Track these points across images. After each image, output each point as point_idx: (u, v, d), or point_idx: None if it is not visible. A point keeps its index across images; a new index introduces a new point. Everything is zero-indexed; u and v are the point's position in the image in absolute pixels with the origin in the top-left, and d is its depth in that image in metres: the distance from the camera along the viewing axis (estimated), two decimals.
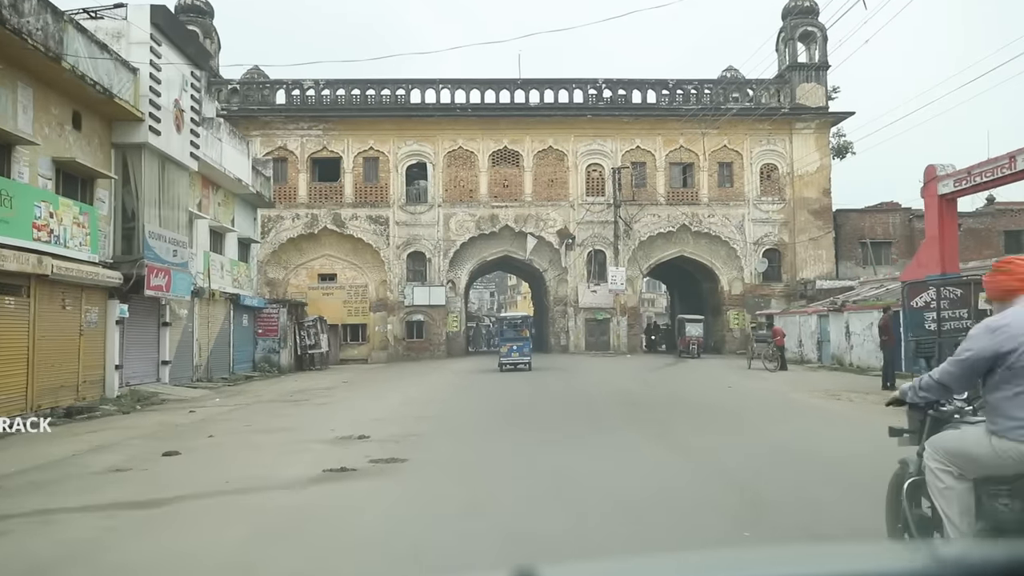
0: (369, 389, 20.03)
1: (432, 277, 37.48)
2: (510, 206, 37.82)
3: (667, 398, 15.41)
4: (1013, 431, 3.34)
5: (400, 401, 15.88)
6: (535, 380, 21.67)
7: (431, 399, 16.23)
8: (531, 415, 13.02)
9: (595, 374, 23.21)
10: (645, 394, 16.17)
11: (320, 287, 37.85)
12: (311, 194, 37.59)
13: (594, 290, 37.60)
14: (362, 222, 37.36)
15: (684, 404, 14.26)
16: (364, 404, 15.68)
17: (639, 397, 15.58)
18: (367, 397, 17.38)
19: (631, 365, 27.78)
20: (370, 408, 14.62)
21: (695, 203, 38.35)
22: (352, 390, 19.70)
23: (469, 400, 16.12)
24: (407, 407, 14.47)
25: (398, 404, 15.22)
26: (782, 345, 24.87)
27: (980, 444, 3.48)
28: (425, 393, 17.92)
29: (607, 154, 38.19)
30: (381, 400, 16.42)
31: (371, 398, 17.06)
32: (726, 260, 38.76)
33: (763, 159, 38.60)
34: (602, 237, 37.94)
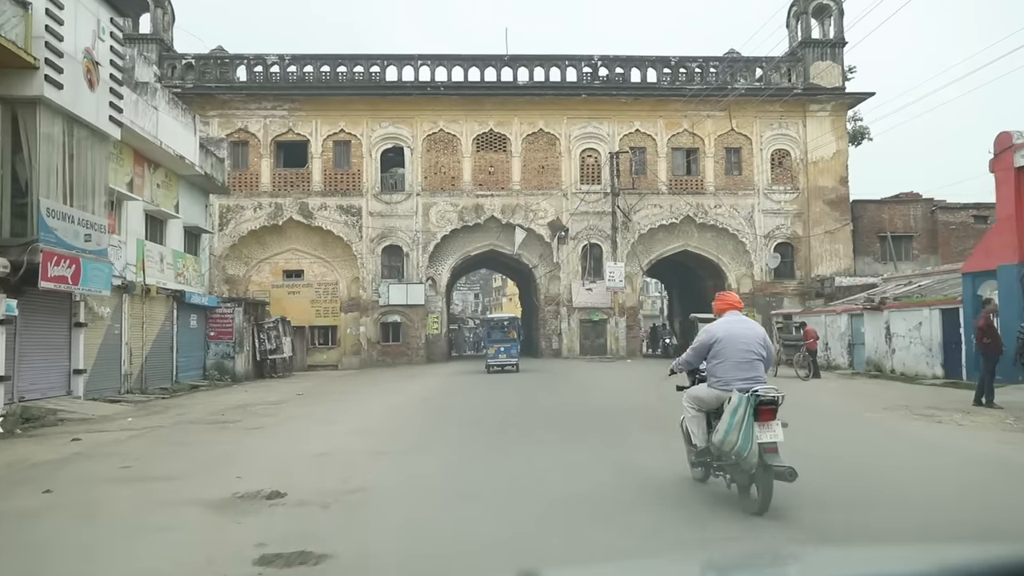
0: (325, 404, 16.30)
1: (410, 274, 33.78)
2: (496, 195, 34.19)
3: None
4: (716, 384, 6.28)
5: (356, 425, 12.19)
6: (527, 391, 18.08)
7: (397, 422, 12.54)
8: (530, 446, 9.39)
9: (597, 385, 19.65)
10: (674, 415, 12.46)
11: (285, 285, 34.05)
12: (275, 181, 33.79)
13: (589, 288, 34.02)
14: (332, 213, 33.61)
15: None
16: (309, 429, 11.98)
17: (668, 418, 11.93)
18: (317, 418, 13.66)
19: (635, 372, 24.16)
20: (314, 436, 10.92)
21: (700, 192, 34.86)
22: (303, 406, 15.95)
23: (445, 424, 12.42)
24: (362, 436, 10.77)
25: (353, 429, 11.53)
26: (815, 349, 21.35)
27: (706, 392, 6.43)
28: (391, 412, 14.24)
29: (603, 138, 34.63)
30: (334, 422, 12.72)
31: (322, 419, 13.34)
32: (734, 255, 35.30)
33: (774, 144, 35.18)
34: (598, 230, 34.36)
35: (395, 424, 12.22)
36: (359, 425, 12.08)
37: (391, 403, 15.98)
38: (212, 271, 32.31)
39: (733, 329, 6.32)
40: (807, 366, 20.76)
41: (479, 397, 17.17)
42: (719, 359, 6.23)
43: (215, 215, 32.95)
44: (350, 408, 15.29)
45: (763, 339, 6.37)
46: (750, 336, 6.29)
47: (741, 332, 6.30)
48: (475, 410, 14.25)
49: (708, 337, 6.39)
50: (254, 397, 18.84)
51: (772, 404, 5.78)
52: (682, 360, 6.87)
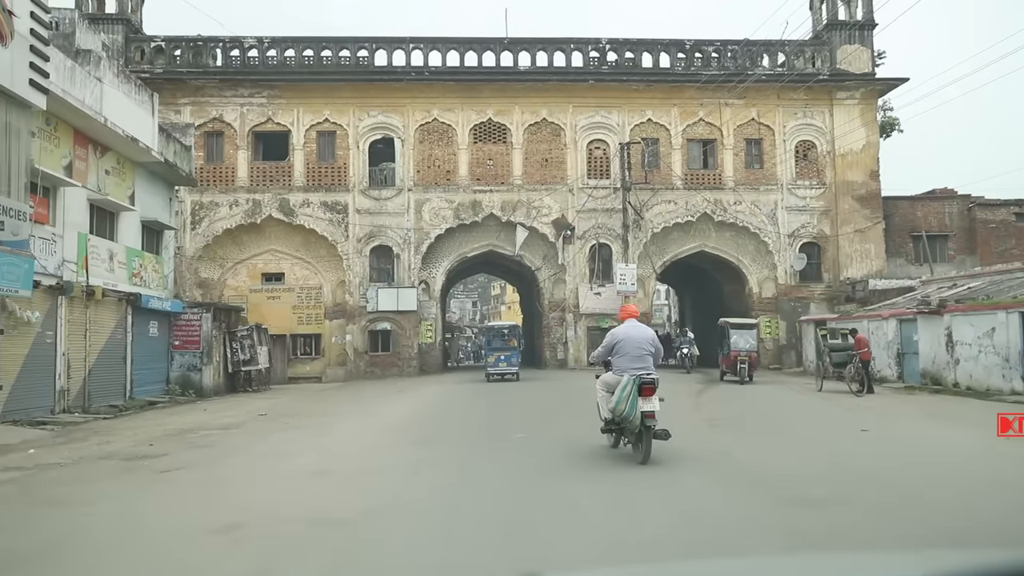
0: (286, 430, 13.25)
1: (401, 277, 30.76)
2: (496, 191, 31.21)
3: (809, 472, 8.09)
4: (617, 371, 8.38)
5: (313, 463, 9.14)
6: (533, 408, 15.09)
7: (369, 460, 9.49)
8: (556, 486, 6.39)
9: None
10: (746, 457, 9.31)
11: (264, 289, 31.00)
12: (253, 176, 30.79)
13: (598, 293, 31.01)
14: (315, 210, 30.60)
15: (878, 489, 7.05)
16: (245, 470, 8.94)
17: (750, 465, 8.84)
18: (267, 451, 10.61)
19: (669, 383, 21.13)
20: (243, 485, 7.90)
21: (718, 187, 31.91)
22: (257, 433, 12.88)
23: (433, 461, 9.36)
24: (316, 482, 7.72)
25: (306, 470, 8.50)
26: (868, 360, 18.33)
27: (611, 377, 8.50)
28: (364, 441, 11.21)
29: (613, 128, 31.69)
30: (286, 457, 9.69)
31: (272, 453, 10.30)
32: (755, 256, 32.32)
33: (798, 135, 32.25)
34: (607, 228, 31.38)
35: (366, 462, 9.17)
36: (316, 464, 9.03)
37: (368, 426, 12.95)
38: (183, 274, 29.37)
39: (630, 332, 8.74)
40: (860, 379, 17.74)
41: (476, 421, 14.16)
42: (620, 354, 8.61)
43: (186, 212, 30.01)
44: (314, 435, 12.25)
45: (652, 339, 8.74)
46: (642, 338, 8.67)
47: (636, 335, 8.70)
48: (473, 441, 11.22)
49: (612, 338, 8.82)
50: (209, 418, 15.80)
51: (651, 384, 8.33)
52: (596, 355, 9.48)
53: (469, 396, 19.99)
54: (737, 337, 23.90)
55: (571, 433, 11.04)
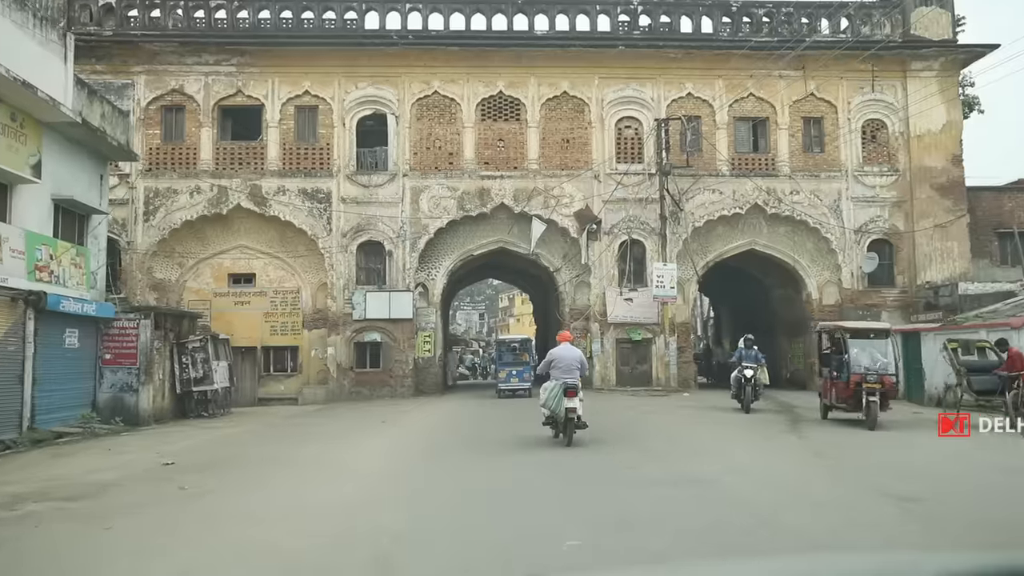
0: (178, 504, 8.17)
1: (394, 278, 25.79)
2: (507, 177, 26.26)
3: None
4: (552, 379, 11.98)
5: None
6: (584, 476, 10.15)
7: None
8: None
9: (694, 454, 11.58)
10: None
11: (232, 293, 26.07)
12: (219, 158, 25.92)
13: (629, 298, 25.95)
14: (293, 198, 25.70)
15: None
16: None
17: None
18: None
19: (729, 422, 15.99)
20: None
21: (771, 174, 26.88)
22: (124, 512, 7.82)
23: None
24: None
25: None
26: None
27: (550, 384, 11.97)
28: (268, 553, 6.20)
29: (646, 104, 26.73)
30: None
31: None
32: (815, 256, 27.24)
33: (866, 113, 27.21)
34: (640, 221, 26.35)
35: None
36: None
37: (299, 507, 7.92)
38: (133, 274, 24.62)
39: (563, 352, 12.28)
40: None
41: (482, 498, 9.16)
42: (555, 367, 12.08)
43: (138, 200, 25.19)
44: (209, 519, 7.21)
45: (579, 358, 12.33)
46: (572, 357, 12.20)
47: (568, 355, 12.24)
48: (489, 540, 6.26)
49: (551, 356, 12.36)
50: (90, 467, 10.80)
51: (574, 388, 11.77)
52: (540, 368, 13.27)
53: (474, 430, 14.95)
54: (858, 351, 15.12)
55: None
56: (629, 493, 8.11)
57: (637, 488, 8.41)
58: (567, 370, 11.92)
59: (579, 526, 6.63)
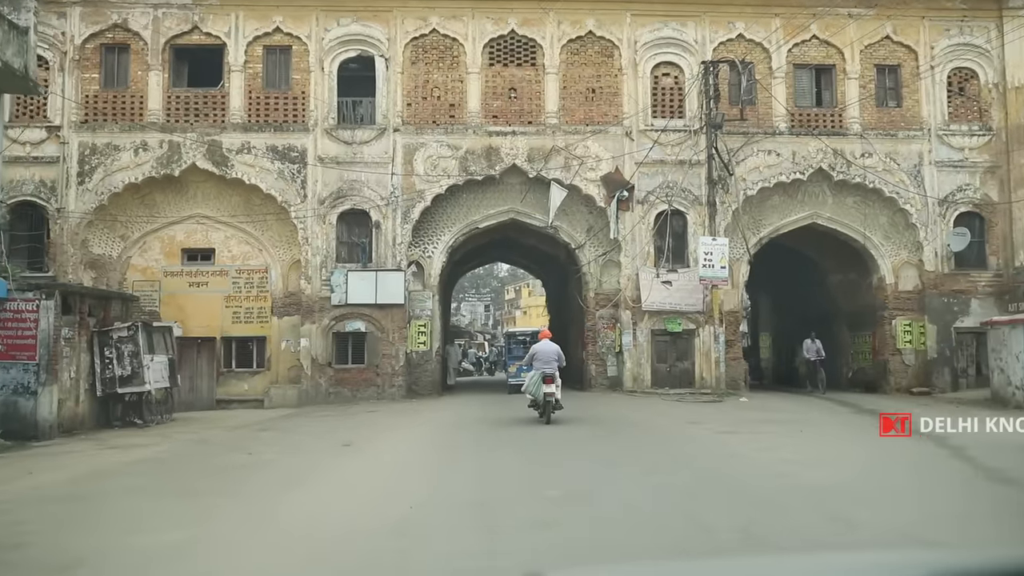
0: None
1: (382, 255, 21.25)
2: (520, 133, 21.68)
3: None
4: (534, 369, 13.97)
5: None
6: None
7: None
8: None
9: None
10: None
11: (186, 271, 21.57)
12: (170, 108, 21.38)
13: (667, 281, 21.36)
14: (260, 158, 21.16)
15: None
16: None
17: None
18: None
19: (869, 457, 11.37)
20: None
21: (839, 132, 22.25)
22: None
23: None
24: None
25: None
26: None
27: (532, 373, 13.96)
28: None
29: (688, 47, 22.10)
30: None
31: None
32: (889, 232, 22.65)
33: (952, 60, 22.56)
34: (680, 188, 21.75)
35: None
36: None
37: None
38: (64, 248, 20.15)
39: (543, 347, 14.16)
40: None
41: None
42: (537, 360, 13.91)
43: (70, 157, 20.72)
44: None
45: (556, 352, 14.09)
46: (550, 351, 14.05)
47: (546, 348, 14.12)
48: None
49: (533, 351, 14.36)
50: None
51: (551, 376, 13.61)
52: (524, 361, 15.97)
53: (481, 466, 10.40)
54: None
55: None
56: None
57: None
58: (546, 362, 13.87)
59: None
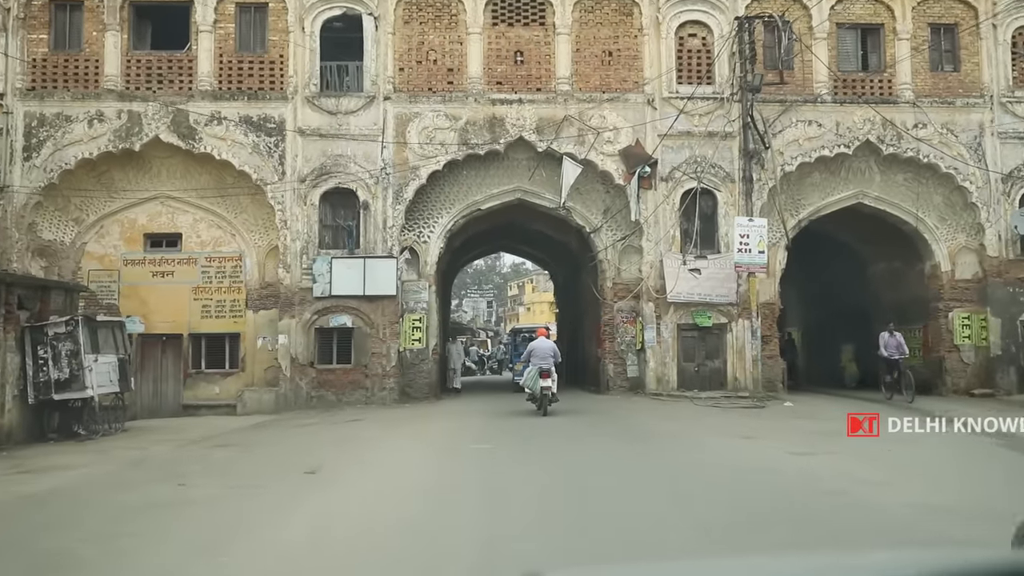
0: None
1: (372, 240, 18.69)
2: (528, 102, 19.08)
3: None
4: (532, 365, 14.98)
5: None
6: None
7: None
8: None
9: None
10: None
11: (149, 259, 19.05)
12: (130, 73, 18.82)
13: (696, 269, 18.77)
14: (232, 130, 18.59)
15: None
16: None
17: None
18: None
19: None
20: None
21: (888, 100, 19.64)
22: None
23: None
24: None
25: None
26: None
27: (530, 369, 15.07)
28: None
29: (717, 4, 19.48)
30: None
31: None
32: (945, 213, 20.07)
33: (1017, 17, 19.95)
34: (710, 164, 19.15)
35: None
36: None
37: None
38: (9, 232, 17.58)
39: (540, 344, 15.33)
40: None
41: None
42: (534, 357, 14.89)
43: (14, 128, 18.14)
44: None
45: (552, 350, 15.23)
46: (547, 348, 15.21)
47: (543, 346, 15.28)
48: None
49: (530, 348, 15.39)
50: None
51: (547, 371, 14.58)
52: (521, 358, 17.15)
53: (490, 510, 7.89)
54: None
55: None
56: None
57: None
58: (543, 358, 14.86)
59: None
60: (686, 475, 8.49)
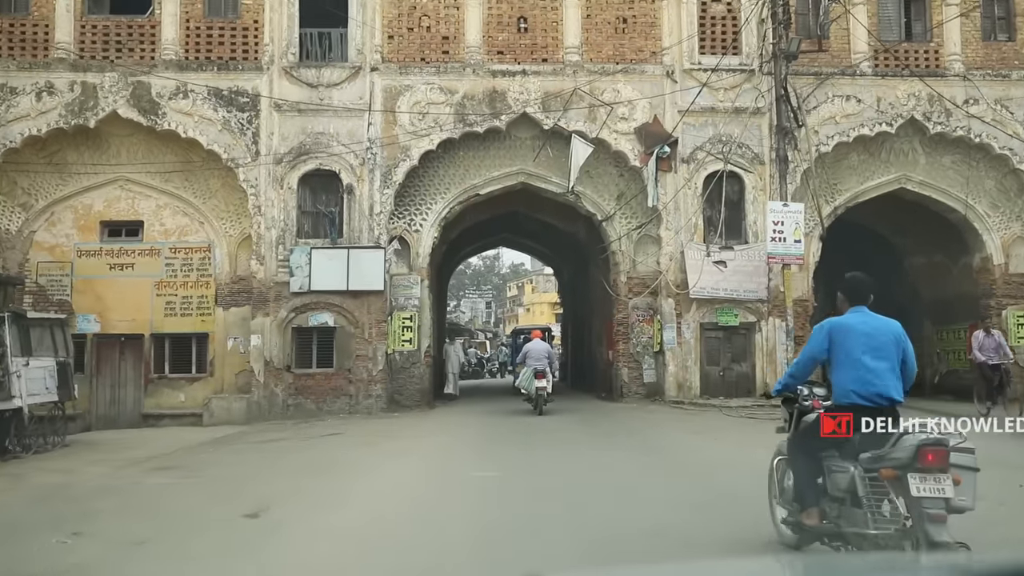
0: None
1: (356, 229, 16.60)
2: (532, 73, 16.99)
3: None
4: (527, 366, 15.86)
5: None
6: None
7: None
8: None
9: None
10: None
11: (106, 250, 16.98)
12: (84, 40, 16.73)
13: (721, 261, 16.68)
14: (200, 104, 16.49)
15: None
16: None
17: None
18: None
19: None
20: None
21: (935, 73, 17.55)
22: None
23: None
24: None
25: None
26: None
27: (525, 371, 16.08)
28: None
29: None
30: None
31: None
32: (997, 199, 18.03)
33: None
34: (737, 144, 17.05)
35: None
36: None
37: None
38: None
39: (535, 346, 15.95)
40: None
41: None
42: (529, 358, 15.57)
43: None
44: None
45: (546, 351, 16.13)
46: (541, 349, 15.91)
47: (538, 347, 15.92)
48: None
49: (525, 350, 16.08)
50: None
51: (542, 372, 15.26)
52: (518, 360, 17.28)
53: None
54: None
55: None
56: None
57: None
58: (537, 359, 15.53)
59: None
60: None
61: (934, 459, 4.07)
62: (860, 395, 4.66)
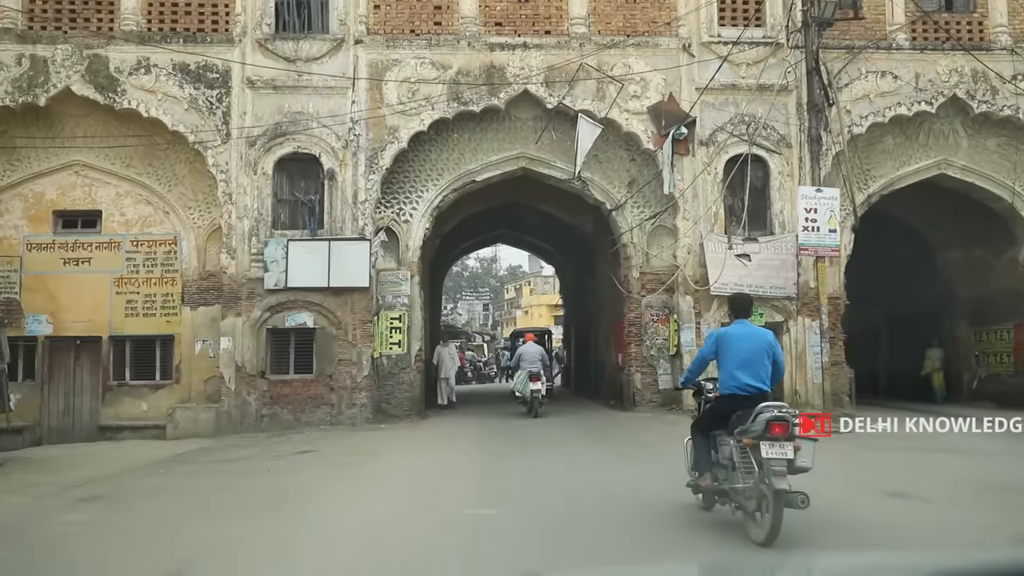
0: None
1: (339, 219, 14.89)
2: (534, 47, 15.31)
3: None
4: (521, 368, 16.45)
5: None
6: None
7: None
8: None
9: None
10: None
11: (60, 244, 15.26)
12: (34, 8, 15.08)
13: (744, 254, 15.00)
14: (164, 80, 14.80)
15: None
16: None
17: None
18: None
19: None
20: None
21: (979, 48, 15.89)
22: None
23: None
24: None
25: None
26: None
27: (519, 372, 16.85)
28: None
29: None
30: None
31: None
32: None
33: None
34: (762, 124, 15.36)
35: None
36: None
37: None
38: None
39: (529, 349, 16.46)
40: None
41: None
42: (523, 361, 16.07)
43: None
44: None
45: (540, 354, 16.48)
46: (535, 352, 16.32)
47: (532, 350, 16.37)
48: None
49: (519, 353, 16.84)
50: None
51: (537, 375, 15.61)
52: (512, 363, 19.71)
53: None
54: None
55: None
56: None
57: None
58: (531, 362, 15.82)
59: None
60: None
61: (779, 430, 5.37)
62: (737, 386, 5.94)
